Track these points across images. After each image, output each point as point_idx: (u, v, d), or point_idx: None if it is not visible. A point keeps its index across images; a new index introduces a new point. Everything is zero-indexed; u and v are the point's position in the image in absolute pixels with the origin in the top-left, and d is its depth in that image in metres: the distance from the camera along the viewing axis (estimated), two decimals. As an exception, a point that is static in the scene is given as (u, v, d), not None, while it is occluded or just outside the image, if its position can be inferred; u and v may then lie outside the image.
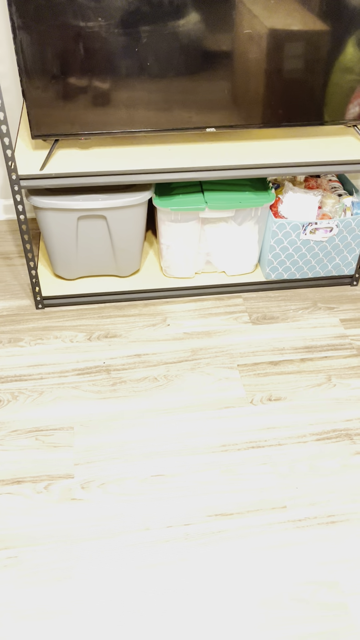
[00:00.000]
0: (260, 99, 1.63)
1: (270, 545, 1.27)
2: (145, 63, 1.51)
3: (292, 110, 1.66)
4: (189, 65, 1.54)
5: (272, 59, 1.57)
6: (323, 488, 1.38)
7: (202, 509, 1.33)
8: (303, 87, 1.63)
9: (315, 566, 1.23)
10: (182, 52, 1.52)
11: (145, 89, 1.57)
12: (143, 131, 1.64)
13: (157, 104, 1.60)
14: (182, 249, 1.85)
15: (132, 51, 1.50)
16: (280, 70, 1.59)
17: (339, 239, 1.84)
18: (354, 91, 1.66)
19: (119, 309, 1.89)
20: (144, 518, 1.32)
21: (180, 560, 1.24)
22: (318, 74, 1.61)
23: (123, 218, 1.73)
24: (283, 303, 1.93)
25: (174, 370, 1.68)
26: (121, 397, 1.60)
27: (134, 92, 1.57)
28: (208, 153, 1.68)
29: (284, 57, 1.57)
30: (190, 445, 1.47)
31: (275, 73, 1.59)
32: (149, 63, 1.51)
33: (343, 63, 1.60)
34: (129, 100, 1.58)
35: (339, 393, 1.61)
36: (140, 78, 1.55)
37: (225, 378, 1.66)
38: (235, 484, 1.39)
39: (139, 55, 1.51)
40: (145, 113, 1.61)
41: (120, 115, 1.61)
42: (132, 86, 1.56)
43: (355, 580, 1.21)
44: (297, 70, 1.60)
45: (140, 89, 1.57)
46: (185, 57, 1.53)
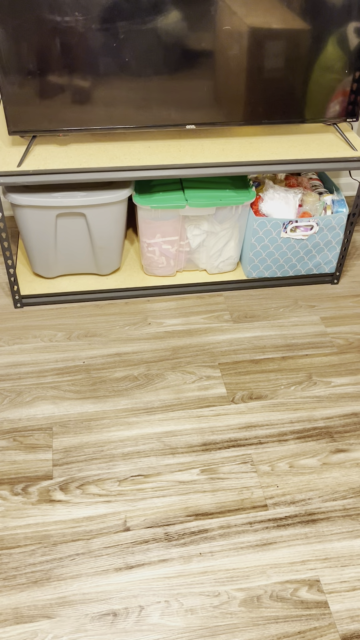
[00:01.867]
0: (240, 97, 1.63)
1: (251, 545, 1.26)
2: (124, 59, 1.50)
3: (273, 108, 1.66)
4: (169, 62, 1.53)
5: (252, 57, 1.56)
6: (304, 486, 1.38)
7: (182, 509, 1.32)
8: (283, 85, 1.62)
9: (296, 565, 1.23)
10: (162, 48, 1.51)
11: (124, 86, 1.55)
12: (122, 128, 1.62)
13: (136, 101, 1.59)
14: (163, 247, 1.84)
15: (110, 47, 1.48)
16: (260, 68, 1.58)
17: (320, 237, 1.84)
18: (334, 89, 1.66)
19: (99, 308, 1.87)
20: (123, 519, 1.30)
21: (160, 561, 1.23)
22: (298, 72, 1.61)
23: (102, 216, 1.71)
24: (264, 301, 1.92)
25: (155, 369, 1.67)
26: (101, 396, 1.58)
27: (113, 88, 1.55)
28: (188, 150, 1.67)
29: (264, 55, 1.57)
30: (171, 445, 1.46)
31: (255, 71, 1.59)
32: (127, 59, 1.50)
33: (323, 61, 1.60)
34: (108, 96, 1.57)
35: (319, 391, 1.62)
36: (118, 74, 1.53)
37: (206, 377, 1.65)
38: (215, 483, 1.38)
39: (117, 51, 1.49)
40: (124, 109, 1.60)
41: (99, 111, 1.59)
42: (111, 82, 1.54)
43: (336, 578, 1.21)
44: (277, 68, 1.59)
45: (119, 86, 1.55)
46: (165, 54, 1.52)
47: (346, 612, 1.15)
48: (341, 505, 1.34)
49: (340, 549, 1.26)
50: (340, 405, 1.58)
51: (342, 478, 1.40)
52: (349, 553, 1.25)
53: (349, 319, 1.86)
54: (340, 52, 1.60)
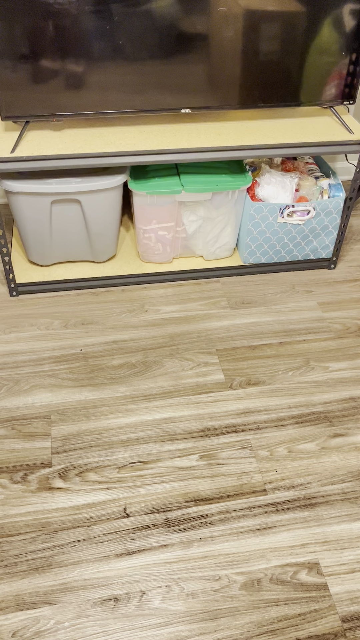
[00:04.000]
0: (236, 80, 1.61)
1: (250, 529, 1.27)
2: (118, 42, 1.47)
3: (269, 91, 1.64)
4: (163, 45, 1.51)
5: (248, 39, 1.54)
6: (302, 471, 1.38)
7: (181, 494, 1.33)
8: (279, 68, 1.60)
9: (296, 548, 1.24)
10: (156, 31, 1.48)
11: (118, 69, 1.53)
12: (116, 112, 1.60)
13: (131, 85, 1.56)
14: (159, 234, 1.83)
15: (103, 30, 1.45)
16: (255, 51, 1.56)
17: (316, 222, 1.83)
18: (330, 72, 1.64)
19: (95, 295, 1.86)
20: (123, 505, 1.30)
21: (160, 547, 1.23)
22: (294, 54, 1.59)
23: (98, 202, 1.69)
24: (261, 287, 1.92)
25: (153, 356, 1.66)
26: (99, 384, 1.58)
27: (107, 72, 1.53)
28: (184, 135, 1.65)
29: (260, 37, 1.55)
30: (170, 431, 1.46)
31: (250, 53, 1.56)
32: (121, 42, 1.47)
33: (319, 43, 1.58)
34: (102, 80, 1.54)
35: (317, 376, 1.62)
36: (112, 58, 1.51)
37: (204, 363, 1.65)
38: (214, 468, 1.38)
39: (111, 34, 1.46)
40: (118, 94, 1.58)
41: (93, 96, 1.57)
42: (105, 66, 1.52)
43: (335, 561, 1.22)
44: (272, 51, 1.57)
45: (113, 69, 1.53)
46: (159, 37, 1.49)
47: (346, 594, 1.16)
48: (340, 489, 1.35)
49: (339, 532, 1.26)
50: (338, 390, 1.58)
51: (341, 462, 1.40)
52: (348, 536, 1.26)
53: (346, 304, 1.86)
54: (337, 34, 1.58)
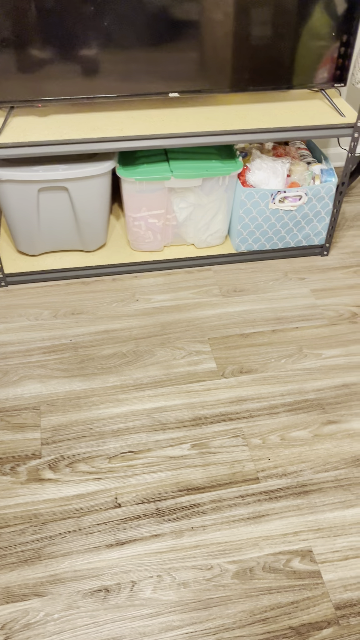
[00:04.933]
0: (225, 63, 1.58)
1: (243, 518, 1.25)
2: (103, 24, 1.44)
3: (258, 74, 1.61)
4: (150, 28, 1.48)
5: (237, 21, 1.51)
6: (295, 458, 1.37)
7: (173, 484, 1.31)
8: (269, 50, 1.57)
9: (288, 536, 1.22)
10: (143, 13, 1.45)
11: (105, 53, 1.50)
12: (103, 97, 1.57)
13: (118, 69, 1.53)
14: (149, 221, 1.80)
15: (88, 12, 1.42)
16: (245, 33, 1.53)
17: (309, 208, 1.81)
18: (320, 54, 1.61)
19: (85, 285, 1.84)
20: (114, 496, 1.29)
21: (152, 537, 1.22)
22: (284, 36, 1.56)
23: (86, 189, 1.66)
24: (253, 275, 1.90)
25: (144, 345, 1.64)
26: (89, 374, 1.56)
27: (93, 56, 1.50)
28: (172, 119, 1.62)
29: (249, 19, 1.51)
30: (161, 421, 1.44)
31: (240, 36, 1.53)
32: (106, 24, 1.44)
33: (309, 25, 1.55)
34: (87, 64, 1.51)
35: (310, 363, 1.60)
36: (98, 41, 1.47)
37: (195, 352, 1.63)
38: (206, 457, 1.37)
39: (97, 16, 1.43)
40: (105, 78, 1.54)
41: (79, 80, 1.53)
42: (90, 50, 1.49)
43: (328, 548, 1.20)
44: (262, 33, 1.54)
45: (99, 53, 1.50)
46: (147, 19, 1.46)
47: (339, 581, 1.15)
48: (333, 476, 1.33)
49: (332, 519, 1.25)
50: (331, 376, 1.56)
51: (334, 449, 1.39)
52: (341, 523, 1.25)
53: (339, 291, 1.84)
54: (327, 15, 1.55)
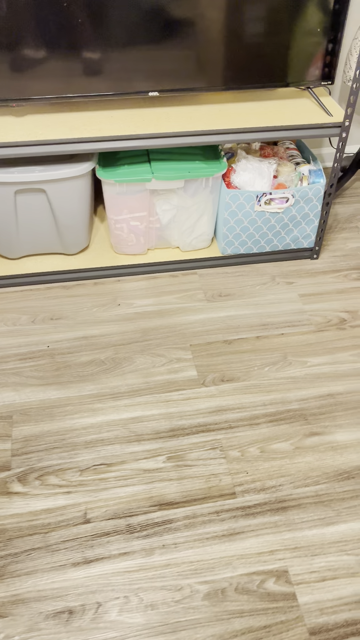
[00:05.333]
0: (207, 61, 1.52)
1: (217, 535, 1.20)
2: (77, 20, 1.39)
3: (242, 72, 1.56)
4: (129, 24, 1.43)
5: (219, 19, 1.45)
6: (274, 472, 1.31)
7: (146, 498, 1.26)
8: (253, 47, 1.52)
9: (264, 555, 1.17)
10: (120, 9, 1.40)
11: (81, 51, 1.45)
12: (80, 97, 1.52)
13: (95, 67, 1.48)
14: (131, 224, 1.75)
15: (63, 8, 1.37)
16: (228, 30, 1.48)
17: (296, 210, 1.75)
18: (307, 52, 1.55)
19: (66, 289, 1.79)
20: (84, 510, 1.24)
21: (121, 555, 1.17)
22: (269, 32, 1.50)
23: (64, 191, 1.61)
24: (240, 279, 1.84)
25: (123, 352, 1.59)
26: (65, 382, 1.51)
27: (69, 54, 1.45)
28: (153, 119, 1.57)
29: (232, 16, 1.46)
30: (137, 431, 1.39)
31: (223, 33, 1.48)
32: (80, 20, 1.39)
33: (295, 22, 1.50)
34: (64, 62, 1.46)
35: (294, 371, 1.54)
36: (74, 38, 1.42)
37: (176, 359, 1.57)
38: (182, 470, 1.31)
39: (72, 12, 1.38)
40: (82, 77, 1.50)
41: (55, 79, 1.49)
42: (66, 47, 1.44)
43: (305, 569, 1.15)
44: (246, 30, 1.49)
45: (76, 51, 1.45)
46: (124, 15, 1.41)
47: (315, 604, 1.10)
48: (313, 491, 1.28)
49: (310, 538, 1.20)
50: (316, 385, 1.50)
51: (316, 462, 1.33)
52: (319, 541, 1.19)
53: (328, 296, 1.78)
54: (313, 11, 1.49)
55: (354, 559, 1.16)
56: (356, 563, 1.15)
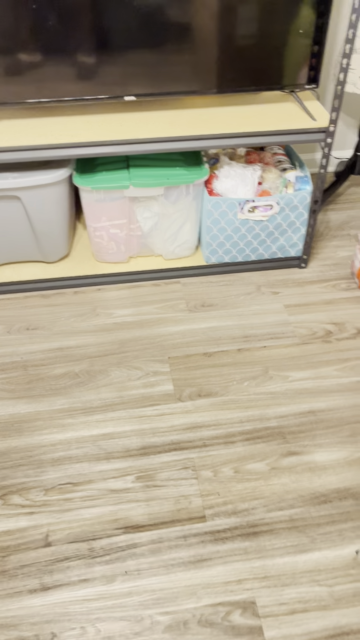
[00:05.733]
0: (187, 64, 1.47)
1: (183, 561, 1.14)
2: (47, 22, 1.34)
3: (223, 76, 1.50)
4: (103, 26, 1.38)
5: (199, 20, 1.40)
6: (248, 494, 1.25)
7: (111, 521, 1.20)
8: (235, 50, 1.46)
9: (231, 584, 1.11)
10: (93, 10, 1.35)
11: (54, 52, 1.40)
12: (54, 101, 1.48)
13: (69, 70, 1.44)
14: (111, 232, 1.70)
15: (32, 9, 1.32)
16: (208, 32, 1.42)
17: (282, 218, 1.69)
18: (291, 54, 1.49)
19: (45, 298, 1.74)
20: (45, 533, 1.19)
21: (80, 581, 1.11)
22: (251, 34, 1.44)
23: (40, 198, 1.57)
24: (224, 288, 1.78)
25: (98, 364, 1.54)
26: (36, 395, 1.46)
27: (41, 55, 1.40)
28: (131, 124, 1.52)
29: (212, 17, 1.40)
30: (107, 449, 1.34)
31: (202, 35, 1.43)
32: (51, 22, 1.34)
33: (279, 22, 1.44)
34: (37, 65, 1.42)
35: (275, 386, 1.48)
36: (46, 39, 1.38)
37: (153, 372, 1.52)
38: (151, 491, 1.26)
39: (43, 13, 1.34)
40: (56, 80, 1.45)
41: (28, 83, 1.44)
42: (39, 49, 1.39)
43: (274, 600, 1.08)
44: (227, 32, 1.43)
45: (48, 52, 1.40)
46: (98, 16, 1.36)
47: (282, 639, 1.03)
48: (287, 515, 1.21)
49: (282, 566, 1.13)
50: (297, 402, 1.44)
51: (292, 484, 1.27)
52: (291, 571, 1.13)
53: (315, 307, 1.72)
54: (297, 12, 1.43)
55: (326, 591, 1.10)
56: (328, 595, 1.09)
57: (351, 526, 1.19)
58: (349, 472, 1.29)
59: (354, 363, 1.54)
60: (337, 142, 2.26)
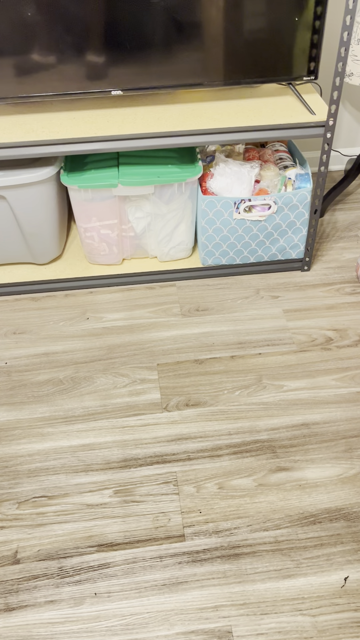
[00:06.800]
0: (175, 55, 1.40)
1: (157, 584, 1.07)
2: (27, 13, 1.29)
3: (214, 68, 1.43)
4: (87, 17, 1.31)
5: (188, 7, 1.33)
6: (231, 512, 1.17)
7: (84, 538, 1.14)
8: (226, 40, 1.39)
9: (207, 611, 1.03)
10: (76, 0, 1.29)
11: (37, 47, 1.35)
12: (38, 96, 1.42)
13: (53, 64, 1.38)
14: (102, 232, 1.64)
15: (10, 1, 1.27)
16: (198, 22, 1.35)
17: (281, 218, 1.61)
18: (287, 44, 1.41)
19: (35, 301, 1.69)
20: (15, 549, 1.13)
21: (47, 603, 1.05)
22: (244, 22, 1.37)
23: (27, 198, 1.52)
24: (221, 292, 1.70)
25: (84, 371, 1.48)
26: (17, 402, 1.40)
27: (23, 49, 1.35)
28: (118, 120, 1.45)
29: (202, 6, 1.33)
30: (86, 461, 1.27)
31: (191, 24, 1.35)
32: (30, 13, 1.29)
33: (274, 10, 1.35)
34: (19, 60, 1.36)
35: (268, 396, 1.40)
36: (28, 33, 1.32)
37: (140, 380, 1.45)
38: (128, 507, 1.19)
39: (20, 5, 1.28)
40: (40, 75, 1.39)
41: (10, 78, 1.39)
42: (20, 43, 1.34)
43: (252, 630, 1.00)
44: (219, 19, 1.35)
45: (31, 46, 1.35)
46: (81, 7, 1.30)
47: (257, 674, 0.95)
48: (272, 536, 1.13)
49: (262, 592, 1.05)
50: (290, 413, 1.35)
51: (279, 503, 1.18)
52: (272, 597, 1.04)
53: (316, 312, 1.63)
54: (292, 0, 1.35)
55: (309, 621, 1.01)
56: (311, 625, 1.00)
57: (340, 550, 1.10)
58: (341, 491, 1.19)
59: (354, 372, 1.44)
60: (346, 138, 2.17)
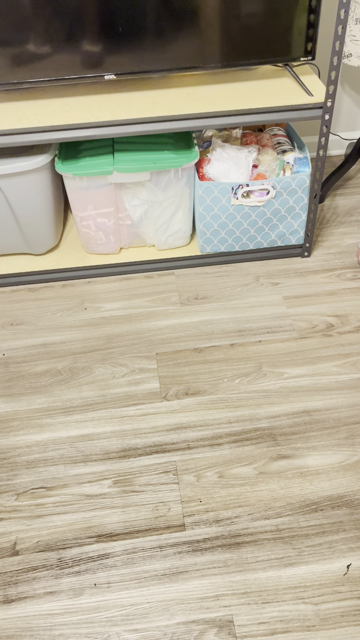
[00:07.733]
0: (168, 37, 1.37)
1: (157, 574, 1.06)
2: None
3: (208, 50, 1.40)
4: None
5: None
6: (232, 501, 1.16)
7: (83, 528, 1.13)
8: (220, 20, 1.35)
9: (207, 600, 1.02)
10: (66, -18, 1.26)
11: (26, 31, 1.32)
12: (29, 82, 1.40)
13: (44, 50, 1.35)
14: (99, 221, 1.61)
15: (0, -17, 1.25)
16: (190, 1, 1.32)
17: (279, 203, 1.58)
18: (281, 23, 1.38)
19: (32, 292, 1.67)
20: (14, 541, 1.12)
21: (46, 594, 1.04)
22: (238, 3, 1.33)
23: (20, 187, 1.49)
24: (220, 280, 1.68)
25: (82, 361, 1.46)
26: (15, 394, 1.39)
27: (13, 34, 1.32)
28: (111, 106, 1.43)
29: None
30: (85, 451, 1.26)
31: (184, 4, 1.32)
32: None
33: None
34: (9, 45, 1.34)
35: (268, 384, 1.38)
36: (16, 16, 1.30)
37: (139, 369, 1.43)
38: (128, 497, 1.17)
39: (13, -12, 1.26)
40: (30, 61, 1.37)
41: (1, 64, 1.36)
42: (10, 27, 1.31)
43: (254, 619, 0.99)
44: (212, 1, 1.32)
45: (21, 31, 1.32)
46: (70, -11, 1.27)
47: (259, 663, 0.94)
48: (274, 525, 1.11)
49: (264, 581, 1.04)
50: (291, 401, 1.34)
51: (280, 491, 1.17)
52: (274, 586, 1.03)
53: (316, 298, 1.60)
54: (287, -25, 1.31)
55: (311, 609, 1.00)
56: (314, 614, 0.99)
57: (343, 538, 1.09)
58: (343, 478, 1.18)
59: (355, 358, 1.42)
60: (347, 122, 2.13)
